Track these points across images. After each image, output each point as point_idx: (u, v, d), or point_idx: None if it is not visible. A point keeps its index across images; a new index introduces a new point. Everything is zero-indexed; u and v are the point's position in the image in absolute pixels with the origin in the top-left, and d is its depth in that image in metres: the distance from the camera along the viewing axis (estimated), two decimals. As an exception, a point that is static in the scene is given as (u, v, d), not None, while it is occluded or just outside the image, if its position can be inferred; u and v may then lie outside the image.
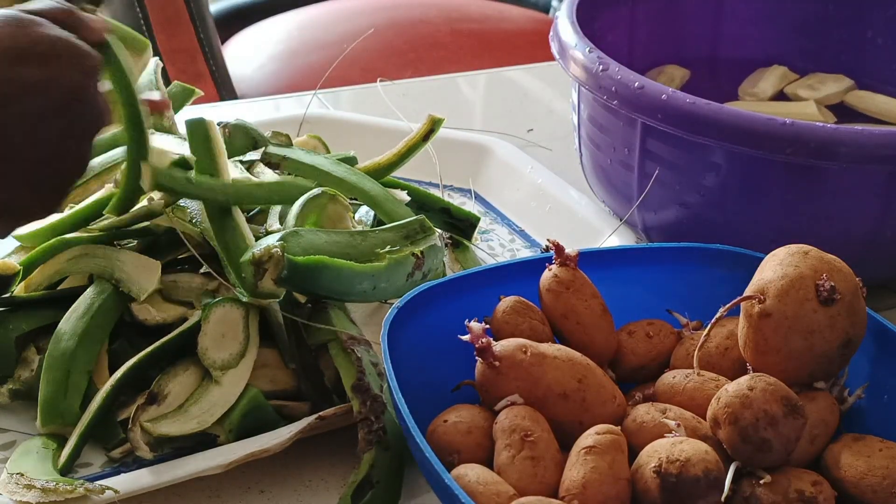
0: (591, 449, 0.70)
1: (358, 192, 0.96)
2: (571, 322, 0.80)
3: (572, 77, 1.03)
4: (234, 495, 0.79)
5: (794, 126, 0.90)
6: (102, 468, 0.80)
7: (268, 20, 2.15)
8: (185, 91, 1.04)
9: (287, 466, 0.81)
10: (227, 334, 0.83)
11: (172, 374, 0.83)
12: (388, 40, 1.99)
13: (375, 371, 0.81)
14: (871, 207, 0.94)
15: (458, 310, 0.78)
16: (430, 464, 0.67)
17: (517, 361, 0.74)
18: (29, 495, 0.73)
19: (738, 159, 0.94)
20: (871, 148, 0.90)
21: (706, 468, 0.67)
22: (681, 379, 0.77)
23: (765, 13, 1.27)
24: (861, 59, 1.25)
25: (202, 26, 1.83)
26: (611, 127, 1.02)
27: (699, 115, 0.93)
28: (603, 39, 1.06)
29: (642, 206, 1.02)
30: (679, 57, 1.25)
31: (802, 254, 0.76)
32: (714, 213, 0.98)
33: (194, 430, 0.81)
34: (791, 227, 0.95)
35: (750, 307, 0.75)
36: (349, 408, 0.80)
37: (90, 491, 0.73)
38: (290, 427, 0.80)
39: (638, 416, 0.74)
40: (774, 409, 0.69)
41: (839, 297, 0.74)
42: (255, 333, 0.84)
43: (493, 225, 1.12)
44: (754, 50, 1.27)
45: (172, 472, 0.77)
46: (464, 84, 1.45)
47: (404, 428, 0.70)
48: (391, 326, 0.76)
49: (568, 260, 0.81)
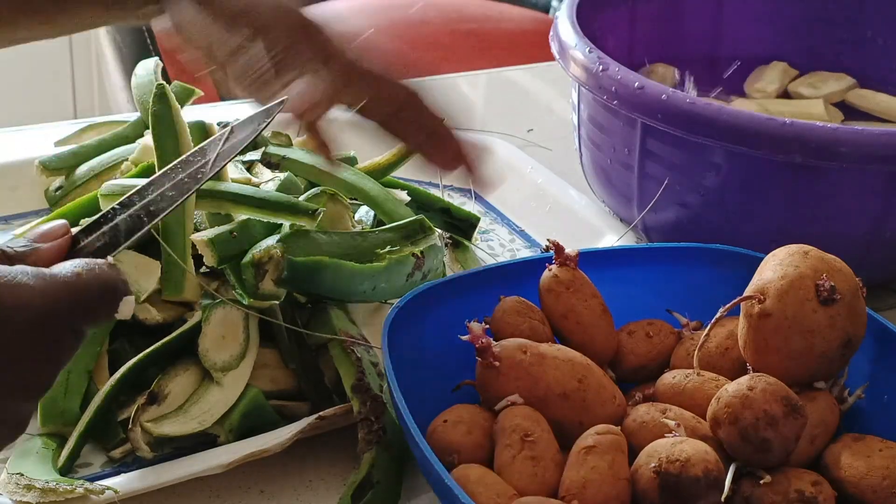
0: (591, 449, 0.70)
1: (358, 192, 0.96)
2: (571, 322, 0.80)
3: (572, 77, 1.03)
4: (234, 495, 0.79)
5: (794, 126, 0.90)
6: (102, 468, 0.80)
7: (268, 20, 2.15)
8: (184, 91, 1.04)
9: (287, 466, 0.81)
10: (228, 336, 0.83)
11: (173, 374, 0.83)
12: (387, 40, 1.99)
13: (375, 371, 0.81)
14: (871, 207, 0.94)
15: (458, 310, 0.78)
16: (430, 464, 0.67)
17: (517, 361, 0.74)
18: (29, 495, 0.73)
19: (738, 159, 0.94)
20: (872, 148, 0.90)
21: (706, 468, 0.67)
22: (681, 379, 0.77)
23: (765, 12, 1.27)
24: (861, 59, 1.25)
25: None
26: (611, 127, 1.02)
27: (699, 115, 0.93)
28: (603, 39, 1.06)
29: (642, 206, 1.02)
30: (679, 57, 1.25)
31: (802, 254, 0.76)
32: (714, 213, 0.98)
33: (195, 431, 0.81)
34: (791, 227, 0.95)
35: (750, 307, 0.75)
36: (349, 408, 0.80)
37: (90, 491, 0.73)
38: (290, 427, 0.80)
39: (638, 416, 0.74)
40: (774, 409, 0.69)
41: (839, 297, 0.73)
42: (256, 334, 0.84)
43: (493, 225, 1.12)
44: (754, 49, 1.27)
45: (172, 473, 0.77)
46: (464, 84, 1.45)
47: (404, 428, 0.70)
48: (391, 326, 0.76)
49: (568, 260, 0.81)
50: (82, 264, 0.61)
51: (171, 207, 0.67)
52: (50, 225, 0.64)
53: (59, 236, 0.64)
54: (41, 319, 0.58)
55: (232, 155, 0.70)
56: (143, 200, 0.67)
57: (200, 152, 0.70)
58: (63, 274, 0.60)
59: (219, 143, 0.70)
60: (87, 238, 0.65)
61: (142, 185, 0.68)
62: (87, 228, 0.66)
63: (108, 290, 0.61)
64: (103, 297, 0.61)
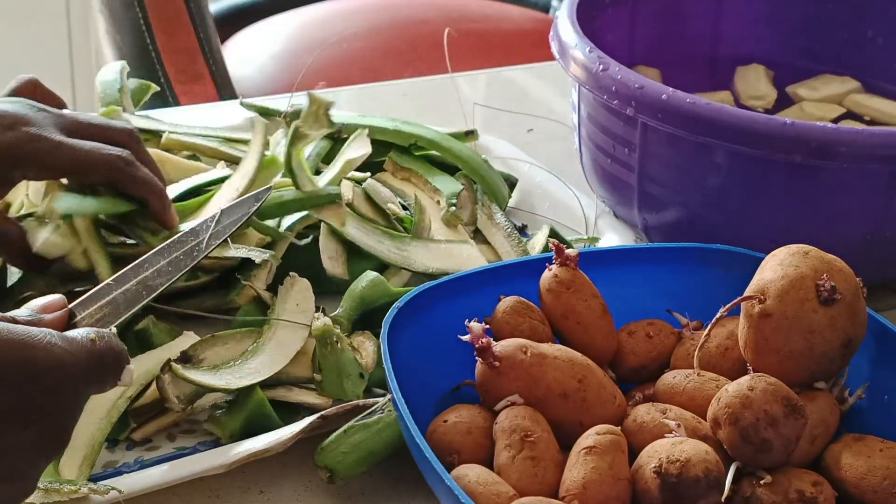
0: (591, 449, 0.70)
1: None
2: (571, 322, 0.80)
3: (572, 77, 1.03)
4: (234, 495, 0.79)
5: (795, 126, 0.90)
6: (104, 468, 0.80)
7: (268, 20, 2.15)
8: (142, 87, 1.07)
9: (287, 466, 0.81)
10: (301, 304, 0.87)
11: (211, 342, 0.84)
12: (388, 40, 1.99)
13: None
14: (871, 207, 0.94)
15: (458, 310, 0.78)
16: (430, 464, 0.67)
17: (517, 361, 0.74)
18: (32, 496, 0.73)
19: (739, 159, 0.94)
20: (871, 148, 0.90)
21: (706, 468, 0.67)
22: (681, 379, 0.77)
23: (765, 13, 1.27)
24: (862, 59, 1.24)
25: (202, 26, 1.82)
26: (611, 127, 1.02)
27: (699, 115, 0.93)
28: (603, 39, 1.06)
29: (642, 206, 1.02)
30: (679, 57, 1.25)
31: (803, 254, 0.76)
32: (714, 213, 0.98)
33: (220, 387, 0.81)
34: (791, 227, 0.95)
35: (750, 307, 0.75)
36: (349, 408, 0.80)
37: (94, 491, 0.73)
38: (291, 427, 0.80)
39: (638, 417, 0.74)
40: (775, 410, 0.69)
41: (839, 298, 0.73)
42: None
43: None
44: (754, 50, 1.27)
45: (174, 473, 0.77)
46: (464, 84, 1.45)
47: (404, 428, 0.70)
48: (391, 326, 0.76)
49: (568, 260, 0.81)
50: (94, 332, 0.63)
51: (169, 282, 0.72)
52: (49, 298, 0.68)
53: (57, 309, 0.68)
54: (68, 381, 0.61)
55: (224, 235, 0.76)
56: (139, 276, 0.72)
57: (193, 233, 0.76)
58: (82, 339, 0.62)
59: (210, 225, 0.76)
60: (84, 311, 0.69)
61: (136, 263, 0.73)
62: (82, 302, 0.69)
63: (118, 357, 0.64)
64: (114, 364, 0.64)
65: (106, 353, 0.63)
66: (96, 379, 0.63)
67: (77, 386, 0.62)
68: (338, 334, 0.83)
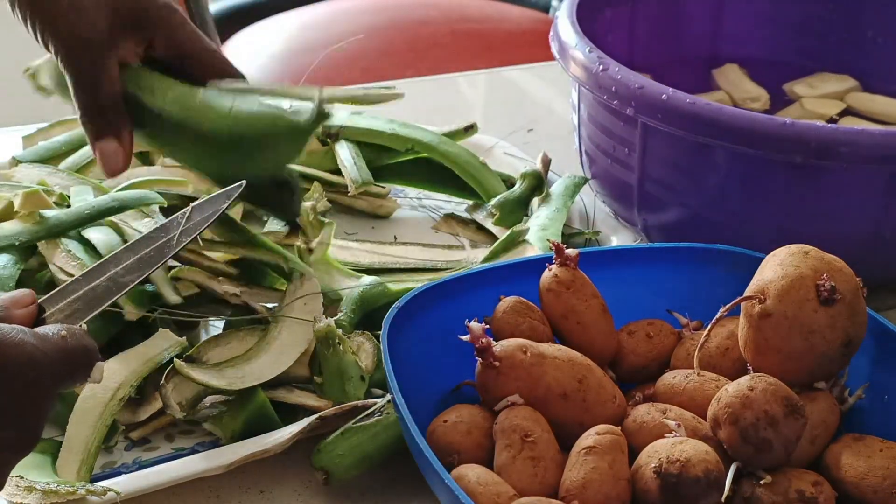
0: (591, 449, 0.70)
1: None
2: (571, 322, 0.80)
3: (572, 77, 1.03)
4: (234, 495, 0.79)
5: (794, 126, 0.90)
6: (103, 469, 0.80)
7: (268, 20, 2.15)
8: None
9: (287, 467, 0.81)
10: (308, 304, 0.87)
11: (214, 344, 0.84)
12: (388, 40, 1.99)
13: None
14: (871, 207, 0.94)
15: (458, 310, 0.78)
16: (430, 464, 0.67)
17: (517, 361, 0.74)
18: (30, 497, 0.73)
19: (739, 159, 0.94)
20: (871, 148, 0.90)
21: (706, 468, 0.67)
22: (681, 379, 0.77)
23: (765, 13, 1.27)
24: (861, 59, 1.24)
25: (202, 26, 1.83)
26: (611, 127, 1.02)
27: (699, 115, 0.93)
28: (603, 39, 1.06)
29: (642, 206, 1.02)
30: (679, 57, 1.25)
31: (803, 254, 0.76)
32: (714, 213, 0.98)
33: (222, 387, 0.81)
34: (791, 227, 0.95)
35: (750, 307, 0.75)
36: (349, 408, 0.80)
37: (92, 492, 0.73)
38: (291, 427, 0.80)
39: (638, 417, 0.74)
40: (775, 410, 0.69)
41: (840, 298, 0.73)
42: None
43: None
44: (754, 50, 1.27)
45: (173, 473, 0.77)
46: (464, 84, 1.45)
47: (404, 428, 0.70)
48: (391, 326, 0.76)
49: (568, 260, 0.81)
50: (65, 328, 0.63)
51: (138, 279, 0.71)
52: (17, 293, 0.67)
53: (27, 304, 0.67)
54: (41, 378, 0.60)
55: (196, 232, 0.75)
56: (108, 273, 0.71)
57: (163, 229, 0.74)
58: (53, 335, 0.62)
59: (181, 222, 0.75)
60: (53, 307, 0.68)
61: (104, 260, 0.72)
62: (50, 298, 0.69)
63: (88, 353, 0.64)
64: (84, 360, 0.64)
65: (77, 349, 0.63)
66: (67, 376, 0.63)
67: (48, 382, 0.61)
68: (340, 336, 0.83)
